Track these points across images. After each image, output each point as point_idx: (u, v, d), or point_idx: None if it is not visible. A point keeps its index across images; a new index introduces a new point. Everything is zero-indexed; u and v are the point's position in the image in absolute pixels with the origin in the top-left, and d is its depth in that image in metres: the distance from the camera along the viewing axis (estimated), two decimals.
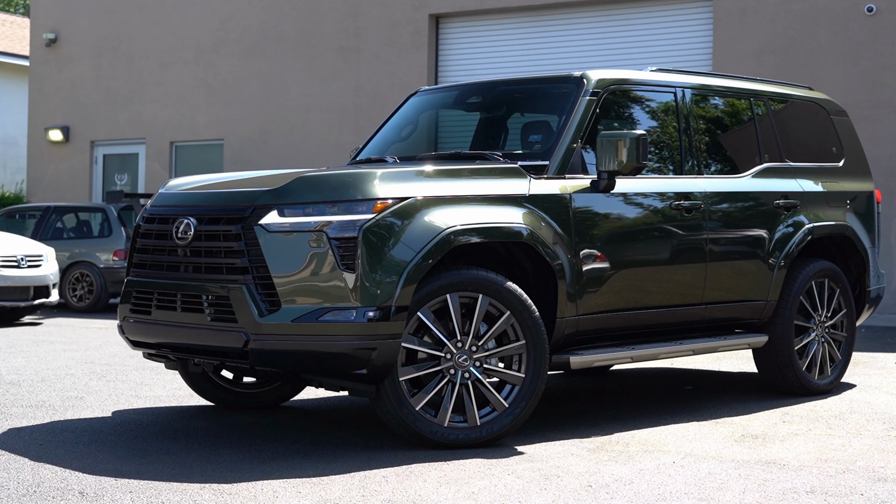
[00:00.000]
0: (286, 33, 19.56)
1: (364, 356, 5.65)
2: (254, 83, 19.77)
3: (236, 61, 19.97)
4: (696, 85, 7.66)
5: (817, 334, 8.05)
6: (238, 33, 19.98)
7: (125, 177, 20.96)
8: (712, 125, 7.74)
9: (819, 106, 8.70)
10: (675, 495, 5.02)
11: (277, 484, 5.12)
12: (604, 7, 17.47)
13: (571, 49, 17.62)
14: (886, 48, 15.50)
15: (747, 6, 16.33)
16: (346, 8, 19.08)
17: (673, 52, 16.93)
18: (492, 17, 18.27)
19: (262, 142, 19.57)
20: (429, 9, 18.46)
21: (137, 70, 20.94)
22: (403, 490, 5.04)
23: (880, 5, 15.55)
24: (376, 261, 5.69)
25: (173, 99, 20.51)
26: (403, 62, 18.56)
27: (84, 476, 5.21)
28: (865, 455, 5.94)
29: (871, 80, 15.49)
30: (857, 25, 15.70)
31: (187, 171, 20.48)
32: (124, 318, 6.49)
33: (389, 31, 18.71)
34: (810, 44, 15.97)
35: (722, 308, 7.45)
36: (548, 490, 5.08)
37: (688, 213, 7.16)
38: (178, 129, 20.49)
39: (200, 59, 20.32)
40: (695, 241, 7.20)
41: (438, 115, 8.15)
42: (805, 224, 7.92)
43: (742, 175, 7.73)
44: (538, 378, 6.13)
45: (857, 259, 8.51)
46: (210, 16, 20.26)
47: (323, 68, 19.20)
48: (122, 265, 16.33)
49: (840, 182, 8.49)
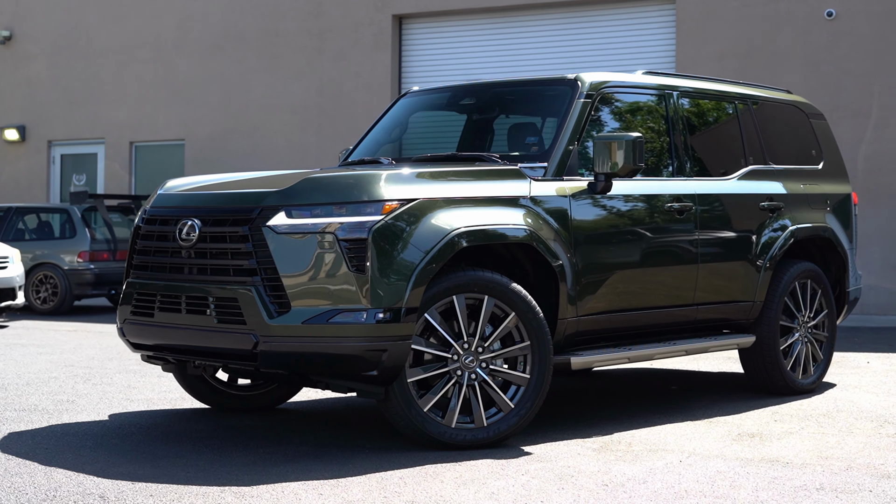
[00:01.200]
0: (247, 33, 19.48)
1: (375, 358, 5.68)
2: (215, 83, 19.67)
3: (197, 60, 19.86)
4: (685, 88, 7.76)
5: (801, 334, 8.18)
6: (198, 32, 19.87)
7: (83, 177, 20.75)
8: (701, 128, 7.85)
9: (798, 109, 8.84)
10: (691, 493, 5.10)
11: (297, 486, 5.13)
12: (568, 9, 17.58)
13: (535, 51, 17.71)
14: (846, 52, 15.75)
15: (709, 10, 16.52)
16: (308, 8, 19.04)
17: (636, 54, 17.08)
18: (455, 19, 18.32)
19: (225, 142, 19.48)
20: (392, 9, 18.47)
21: (95, 68, 20.75)
22: (423, 491, 5.08)
23: (840, 10, 15.80)
24: (386, 262, 5.72)
25: (132, 98, 20.34)
26: (367, 63, 18.56)
27: (100, 480, 5.19)
28: (863, 453, 6.06)
29: (831, 84, 15.73)
30: (818, 30, 15.94)
31: (148, 171, 20.33)
32: (125, 320, 6.45)
33: (352, 32, 18.70)
34: (771, 47, 16.18)
35: (712, 309, 7.56)
36: (565, 489, 5.14)
37: (679, 215, 7.26)
38: (137, 129, 20.33)
39: (160, 58, 20.18)
40: (687, 243, 7.30)
41: (429, 116, 8.19)
42: (789, 226, 8.05)
43: (729, 177, 7.84)
44: (543, 378, 6.19)
45: (837, 260, 8.66)
46: (169, 14, 20.12)
47: (285, 68, 19.15)
48: (87, 267, 16.20)
49: (820, 184, 8.64)
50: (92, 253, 16.27)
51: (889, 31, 15.46)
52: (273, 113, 19.19)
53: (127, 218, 17.54)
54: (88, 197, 16.59)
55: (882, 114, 15.42)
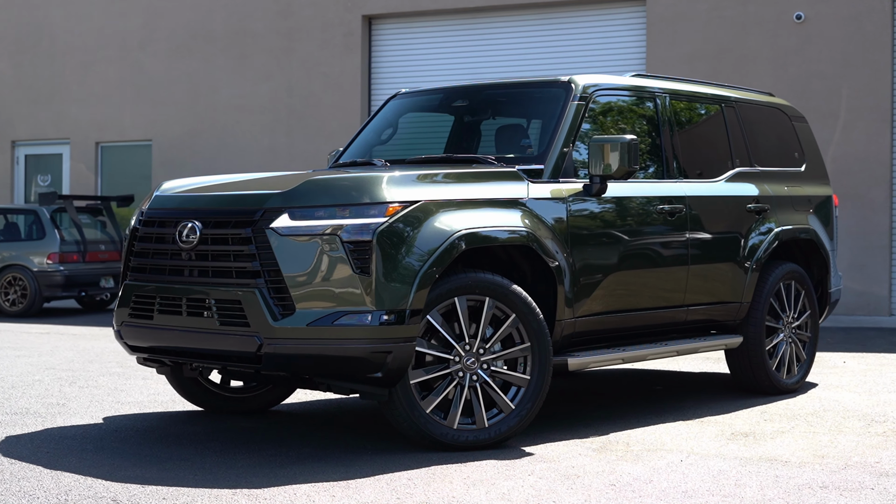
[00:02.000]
0: (215, 32, 19.39)
1: (379, 359, 5.70)
2: (182, 83, 19.56)
3: (163, 60, 19.74)
4: (674, 90, 7.83)
5: (785, 335, 8.28)
6: (165, 31, 19.74)
7: (48, 177, 20.56)
8: (690, 130, 7.92)
9: (781, 112, 8.94)
10: (699, 493, 5.16)
11: (308, 488, 5.14)
12: (538, 11, 17.65)
13: (505, 52, 17.76)
14: (814, 55, 15.93)
15: (679, 12, 16.65)
16: (276, 8, 18.98)
17: (607, 55, 17.17)
18: (426, 20, 18.33)
19: (193, 143, 19.38)
20: (361, 10, 18.45)
21: (59, 68, 20.56)
22: (434, 492, 5.10)
23: (808, 14, 15.97)
24: (390, 264, 5.74)
25: (98, 98, 20.18)
26: (336, 63, 18.53)
27: (110, 483, 5.17)
28: (857, 451, 6.15)
29: (800, 87, 15.90)
30: (787, 33, 16.11)
31: (114, 172, 20.19)
32: (122, 322, 6.42)
33: (322, 32, 18.66)
34: (741, 50, 16.33)
35: (701, 310, 7.64)
36: (574, 489, 5.18)
37: (671, 217, 7.33)
38: (103, 130, 20.17)
39: (126, 58, 20.03)
40: (678, 245, 7.37)
41: (420, 117, 8.21)
42: (775, 228, 8.15)
43: (717, 179, 7.92)
44: (543, 379, 6.24)
45: (819, 261, 8.77)
46: (135, 13, 19.98)
47: (254, 69, 19.08)
48: (57, 268, 16.07)
49: (803, 186, 8.74)
50: (62, 254, 16.13)
51: (856, 34, 15.65)
52: (242, 113, 19.11)
53: (95, 219, 17.41)
54: (58, 198, 16.44)
55: (849, 116, 15.61)
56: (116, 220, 17.72)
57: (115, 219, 17.62)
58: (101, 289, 16.72)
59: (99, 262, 16.73)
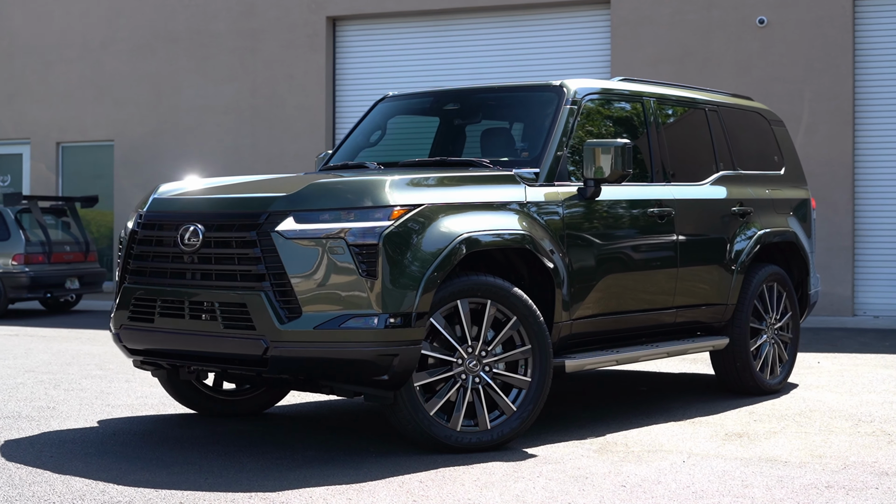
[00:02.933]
0: (178, 32, 19.27)
1: (386, 362, 5.72)
2: (145, 83, 19.41)
3: (125, 60, 19.57)
4: (662, 95, 7.92)
5: (768, 336, 8.40)
6: (127, 31, 19.58)
7: (8, 178, 20.32)
8: (678, 133, 8.01)
9: (761, 116, 9.07)
10: (709, 493, 5.23)
11: (322, 491, 5.15)
12: (503, 13, 17.72)
13: (470, 55, 17.81)
14: (776, 59, 16.13)
15: (643, 15, 16.79)
16: (240, 8, 18.90)
17: (572, 58, 17.28)
18: (390, 21, 18.34)
19: (155, 143, 19.24)
20: (326, 11, 18.42)
21: (19, 68, 20.33)
22: (449, 494, 5.13)
23: (771, 18, 16.18)
24: (396, 267, 5.76)
25: (59, 98, 19.98)
26: (301, 64, 18.49)
27: (123, 488, 5.15)
28: (852, 451, 6.25)
29: (763, 90, 16.06)
30: (749, 37, 16.30)
31: (75, 172, 20.00)
32: (121, 325, 6.39)
33: (286, 33, 18.61)
34: (704, 53, 16.51)
35: (690, 311, 7.73)
36: (587, 491, 5.23)
37: (661, 220, 7.41)
38: (64, 130, 19.97)
39: (87, 58, 19.85)
40: (668, 247, 7.46)
41: (409, 121, 8.23)
42: (759, 230, 8.27)
43: (703, 183, 8.02)
44: (544, 381, 6.29)
45: (799, 263, 8.90)
46: (97, 12, 19.80)
47: (217, 69, 18.98)
48: (22, 270, 15.89)
49: (783, 189, 8.87)
50: (27, 255, 15.96)
51: (818, 38, 15.88)
52: (205, 114, 19.01)
53: (59, 220, 17.24)
54: (22, 199, 16.27)
55: (812, 119, 15.83)
56: (81, 221, 17.56)
57: (79, 220, 17.46)
58: (67, 290, 16.57)
59: (64, 263, 16.59)
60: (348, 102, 18.49)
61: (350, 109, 18.45)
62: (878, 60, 15.89)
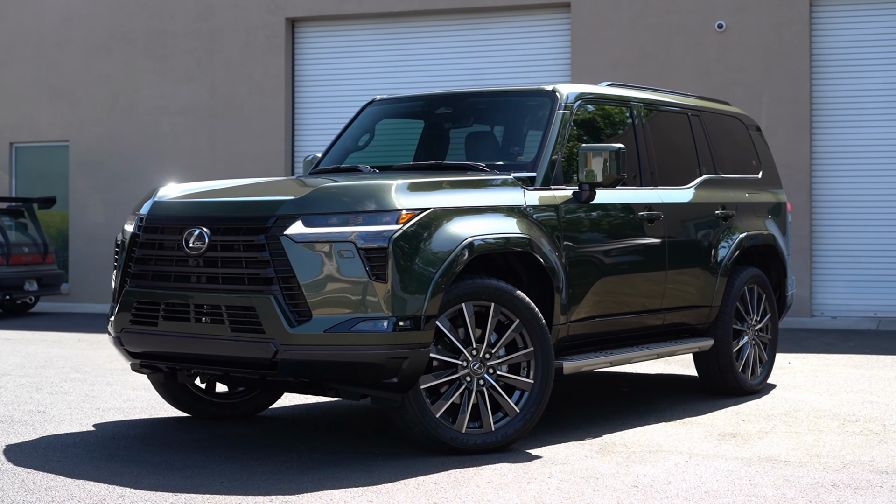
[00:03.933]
0: (135, 33, 19.12)
1: (395, 365, 5.75)
2: (101, 83, 19.23)
3: (80, 60, 19.38)
4: (649, 100, 8.02)
5: (750, 337, 8.53)
6: (83, 31, 19.39)
7: None
8: (664, 138, 8.11)
9: (739, 121, 9.21)
10: (720, 493, 5.32)
11: (341, 494, 5.17)
12: (463, 16, 17.78)
13: (429, 57, 17.86)
14: (735, 63, 16.36)
15: (603, 19, 16.94)
16: (198, 9, 18.79)
17: (532, 61, 17.38)
18: (350, 23, 18.33)
19: (112, 144, 19.06)
20: (285, 12, 18.38)
21: None
22: (467, 496, 5.17)
23: (730, 23, 16.40)
24: (405, 271, 5.79)
25: (12, 98, 19.73)
26: (259, 66, 18.43)
27: (142, 492, 5.13)
28: (846, 450, 6.38)
29: (722, 94, 16.26)
30: (709, 41, 16.51)
31: (30, 173, 19.77)
32: (122, 329, 6.35)
33: (245, 34, 18.53)
34: (664, 57, 16.69)
35: (677, 313, 7.84)
36: (601, 491, 5.30)
37: (650, 224, 7.51)
38: (17, 130, 19.72)
39: (41, 57, 19.62)
40: (657, 250, 7.56)
41: (398, 124, 8.25)
42: (740, 233, 8.40)
43: (687, 186, 8.13)
44: (546, 383, 6.35)
45: (777, 265, 9.05)
46: (51, 11, 19.58)
47: (175, 70, 18.86)
48: None
49: (761, 193, 9.02)
50: None
51: (776, 42, 16.12)
52: (162, 115, 18.87)
53: (16, 221, 17.04)
54: None
55: (770, 122, 16.05)
56: (39, 222, 17.36)
57: (37, 221, 17.26)
58: (25, 292, 16.38)
59: (23, 264, 16.40)
60: (307, 104, 18.47)
61: (309, 111, 18.44)
62: (835, 64, 16.17)
